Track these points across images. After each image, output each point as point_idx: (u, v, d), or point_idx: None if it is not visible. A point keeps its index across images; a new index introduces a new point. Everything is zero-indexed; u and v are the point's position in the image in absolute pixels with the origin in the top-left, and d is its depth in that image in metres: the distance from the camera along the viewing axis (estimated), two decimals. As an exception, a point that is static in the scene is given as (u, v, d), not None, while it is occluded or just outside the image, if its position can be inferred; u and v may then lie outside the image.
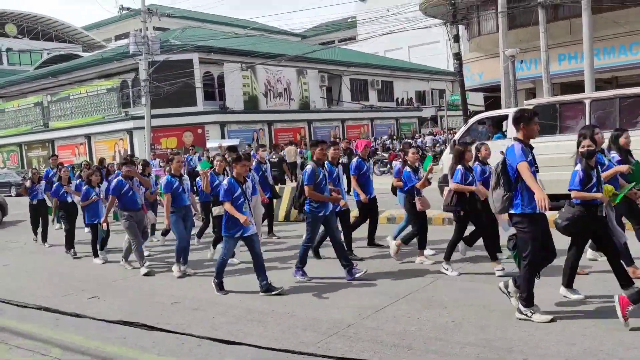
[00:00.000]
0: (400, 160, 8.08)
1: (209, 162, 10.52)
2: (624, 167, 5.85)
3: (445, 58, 47.78)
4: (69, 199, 10.18)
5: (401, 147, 8.24)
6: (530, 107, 10.36)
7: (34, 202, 11.50)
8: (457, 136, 11.59)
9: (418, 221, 7.40)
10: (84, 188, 9.43)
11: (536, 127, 5.07)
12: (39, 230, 11.39)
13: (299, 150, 24.82)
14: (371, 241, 8.63)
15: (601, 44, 17.70)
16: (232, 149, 12.28)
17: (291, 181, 19.34)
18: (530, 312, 4.92)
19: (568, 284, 5.47)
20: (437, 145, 28.94)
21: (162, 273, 8.09)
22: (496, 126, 11.35)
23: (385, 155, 24.29)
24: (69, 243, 9.89)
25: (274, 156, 19.37)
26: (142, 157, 21.17)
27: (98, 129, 30.98)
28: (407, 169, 7.51)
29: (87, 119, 31.76)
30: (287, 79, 34.19)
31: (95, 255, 9.18)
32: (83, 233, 11.36)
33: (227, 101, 30.90)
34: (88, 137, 31.52)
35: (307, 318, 5.56)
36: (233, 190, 6.45)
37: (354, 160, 8.55)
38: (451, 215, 7.37)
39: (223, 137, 30.23)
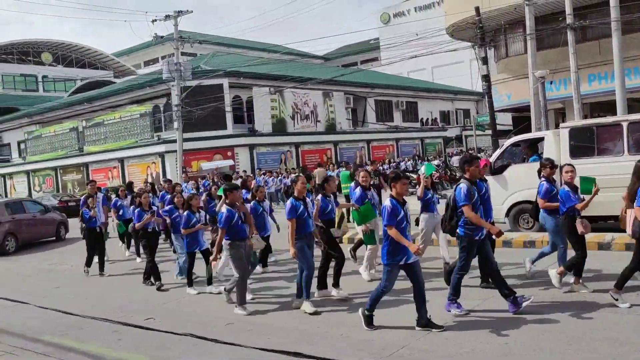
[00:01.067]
0: (543, 178, 7.31)
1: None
2: None
3: (469, 77, 47.95)
4: (150, 227, 9.51)
5: (549, 164, 7.26)
6: (567, 129, 10.50)
7: (94, 228, 10.88)
8: (492, 158, 11.73)
9: (579, 245, 6.80)
10: (184, 214, 8.60)
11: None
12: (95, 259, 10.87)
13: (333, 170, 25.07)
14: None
15: (632, 64, 17.71)
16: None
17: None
18: None
19: None
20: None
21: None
22: (531, 148, 11.44)
23: (413, 176, 24.39)
24: (155, 275, 9.14)
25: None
26: (171, 179, 21.67)
27: (131, 152, 31.75)
28: (566, 187, 6.91)
29: (121, 143, 32.59)
30: (314, 102, 34.69)
31: (190, 284, 8.58)
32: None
33: (255, 124, 31.45)
34: (121, 160, 32.31)
35: (360, 339, 5.74)
36: (397, 212, 5.80)
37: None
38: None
39: (252, 159, 30.73)
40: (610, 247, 9.00)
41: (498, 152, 11.90)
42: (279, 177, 25.21)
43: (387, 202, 5.83)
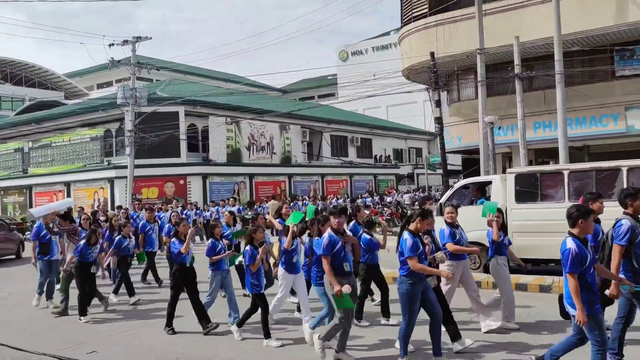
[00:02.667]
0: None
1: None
2: None
3: (423, 118, 49.43)
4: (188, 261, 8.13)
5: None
6: (513, 174, 10.98)
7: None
8: (443, 199, 12.07)
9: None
10: (208, 242, 8.17)
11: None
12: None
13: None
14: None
15: (574, 115, 18.71)
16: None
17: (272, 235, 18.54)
18: None
19: None
20: (415, 203, 29.55)
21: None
22: (479, 191, 11.87)
23: (367, 212, 24.70)
24: (204, 316, 7.83)
25: (248, 212, 19.14)
26: (122, 206, 21.20)
27: (78, 176, 30.88)
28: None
29: (68, 167, 31.68)
30: (270, 134, 34.86)
31: (267, 335, 7.14)
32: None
33: (210, 153, 31.26)
34: (67, 184, 31.34)
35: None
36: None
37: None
38: None
39: (205, 189, 30.42)
40: (550, 289, 9.36)
41: (448, 193, 12.28)
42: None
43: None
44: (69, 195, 31.07)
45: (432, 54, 19.79)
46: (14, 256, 17.87)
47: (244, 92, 42.32)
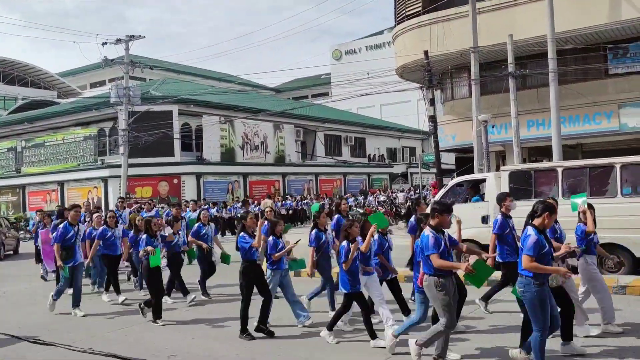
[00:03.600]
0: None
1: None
2: None
3: (416, 116, 49.54)
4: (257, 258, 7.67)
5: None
6: (507, 172, 11.03)
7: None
8: (437, 197, 12.11)
9: None
10: (269, 239, 7.62)
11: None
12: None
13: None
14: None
15: (567, 113, 18.79)
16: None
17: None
18: None
19: None
20: (409, 201, 29.62)
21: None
22: (473, 189, 11.92)
23: (361, 210, 24.75)
24: (266, 317, 7.40)
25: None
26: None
27: (72, 176, 30.77)
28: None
29: (62, 166, 31.55)
30: (264, 133, 34.85)
31: (373, 335, 6.66)
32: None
33: (204, 152, 31.22)
34: (61, 184, 31.21)
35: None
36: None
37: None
38: None
39: (199, 188, 30.37)
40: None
41: (442, 191, 12.33)
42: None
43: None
44: (62, 195, 30.95)
45: (425, 52, 19.83)
46: (12, 252, 19.63)
47: (237, 91, 42.28)
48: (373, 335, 6.46)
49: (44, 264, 12.86)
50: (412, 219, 8.64)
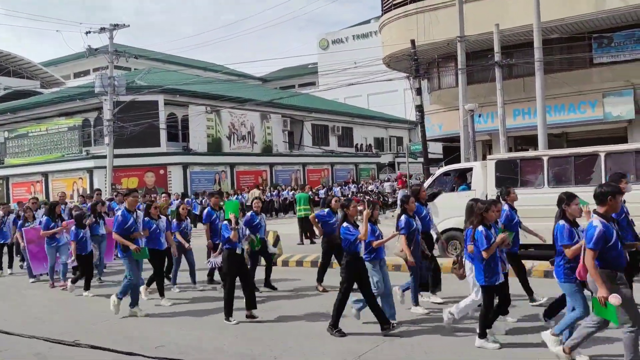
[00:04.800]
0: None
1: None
2: None
3: (403, 106, 49.58)
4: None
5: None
6: (493, 161, 11.10)
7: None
8: (425, 185, 12.14)
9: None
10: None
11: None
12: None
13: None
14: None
15: (553, 102, 18.95)
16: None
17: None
18: None
19: None
20: (396, 191, 29.72)
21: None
22: (460, 178, 11.98)
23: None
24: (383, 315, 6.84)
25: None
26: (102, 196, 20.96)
27: (56, 167, 30.41)
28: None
29: (46, 157, 31.16)
30: (251, 123, 34.67)
31: (483, 334, 6.10)
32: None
33: (190, 143, 30.99)
34: (45, 175, 30.84)
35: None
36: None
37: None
38: None
39: (185, 178, 30.20)
40: (530, 274, 9.49)
41: (430, 180, 12.38)
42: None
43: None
44: (47, 186, 30.62)
45: (412, 41, 19.83)
46: None
47: (223, 80, 41.91)
48: (483, 335, 5.90)
49: (26, 265, 11.97)
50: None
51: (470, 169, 11.87)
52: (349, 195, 28.51)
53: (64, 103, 31.51)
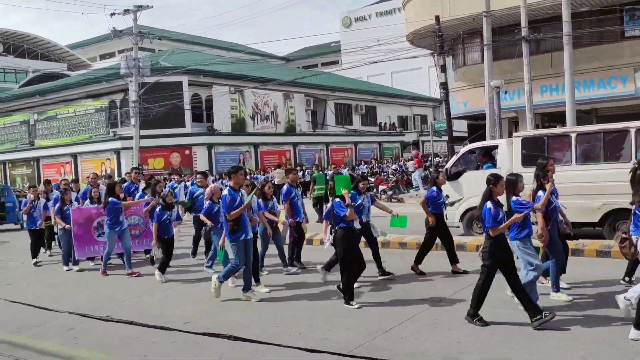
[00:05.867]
0: None
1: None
2: None
3: (427, 84, 48.97)
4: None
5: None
6: (519, 138, 10.94)
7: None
8: (448, 164, 12.07)
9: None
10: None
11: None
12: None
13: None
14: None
15: (581, 77, 18.50)
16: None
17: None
18: None
19: None
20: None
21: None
22: (486, 156, 11.84)
23: (372, 179, 24.76)
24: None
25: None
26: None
27: (85, 148, 31.00)
28: None
29: (74, 138, 31.75)
30: (274, 103, 34.71)
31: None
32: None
33: (214, 123, 31.23)
34: (74, 156, 31.48)
35: (319, 338, 5.85)
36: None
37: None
38: None
39: (210, 158, 30.49)
40: (582, 253, 9.28)
41: (454, 158, 12.27)
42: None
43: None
44: (75, 167, 31.25)
45: (437, 17, 19.51)
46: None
47: (246, 60, 41.93)
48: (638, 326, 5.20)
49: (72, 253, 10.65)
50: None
51: (496, 147, 11.72)
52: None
53: (91, 85, 32.00)
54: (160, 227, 8.98)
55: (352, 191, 7.43)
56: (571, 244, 7.89)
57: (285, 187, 9.51)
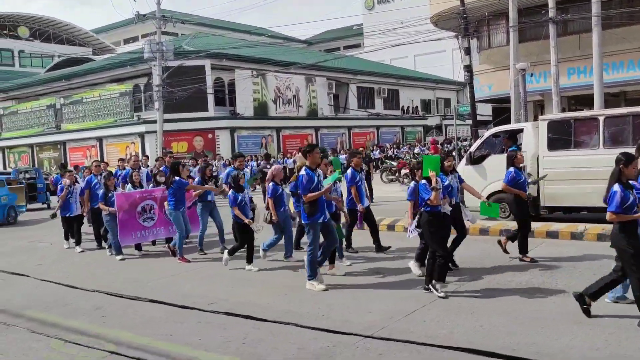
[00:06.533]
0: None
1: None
2: None
3: (451, 67, 48.23)
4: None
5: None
6: (545, 121, 10.76)
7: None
8: (472, 148, 11.94)
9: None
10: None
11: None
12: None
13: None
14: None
15: (610, 59, 18.06)
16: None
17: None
18: None
19: None
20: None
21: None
22: (510, 139, 11.67)
23: (394, 163, 24.65)
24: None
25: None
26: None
27: (110, 132, 31.42)
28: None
29: (99, 122, 32.20)
30: (296, 86, 34.64)
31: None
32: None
33: (237, 107, 31.34)
34: (100, 139, 31.95)
35: (340, 320, 5.90)
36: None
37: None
38: None
39: (233, 142, 30.64)
40: (582, 237, 9.28)
41: (478, 142, 12.12)
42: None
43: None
44: (101, 151, 31.71)
45: (461, -2, 19.17)
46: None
47: (268, 44, 41.85)
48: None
49: (111, 239, 10.13)
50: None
51: (521, 130, 11.54)
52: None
53: (115, 69, 32.33)
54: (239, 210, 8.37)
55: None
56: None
57: (349, 171, 9.10)
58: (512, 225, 10.30)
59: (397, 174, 22.67)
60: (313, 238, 7.06)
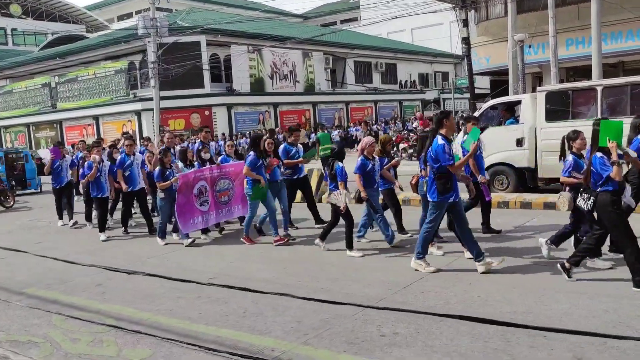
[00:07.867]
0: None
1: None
2: None
3: (449, 40, 47.77)
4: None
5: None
6: (543, 92, 10.70)
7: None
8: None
9: None
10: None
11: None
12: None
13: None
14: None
15: (608, 29, 17.83)
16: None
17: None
18: None
19: None
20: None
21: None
22: (508, 112, 11.63)
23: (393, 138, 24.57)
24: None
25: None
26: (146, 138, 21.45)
27: (106, 110, 31.24)
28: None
29: (95, 100, 31.98)
30: (293, 62, 34.35)
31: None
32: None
33: (233, 83, 31.11)
34: (96, 118, 31.78)
35: (341, 293, 5.94)
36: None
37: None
38: None
39: (230, 119, 30.51)
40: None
41: (476, 114, 12.05)
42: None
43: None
44: (98, 129, 31.57)
45: (459, -31, 18.90)
46: None
47: (263, 19, 41.36)
48: None
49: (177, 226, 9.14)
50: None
51: (519, 102, 11.49)
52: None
53: (110, 46, 31.97)
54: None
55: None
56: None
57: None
58: (510, 197, 10.33)
59: (394, 149, 22.59)
60: (435, 217, 6.36)
